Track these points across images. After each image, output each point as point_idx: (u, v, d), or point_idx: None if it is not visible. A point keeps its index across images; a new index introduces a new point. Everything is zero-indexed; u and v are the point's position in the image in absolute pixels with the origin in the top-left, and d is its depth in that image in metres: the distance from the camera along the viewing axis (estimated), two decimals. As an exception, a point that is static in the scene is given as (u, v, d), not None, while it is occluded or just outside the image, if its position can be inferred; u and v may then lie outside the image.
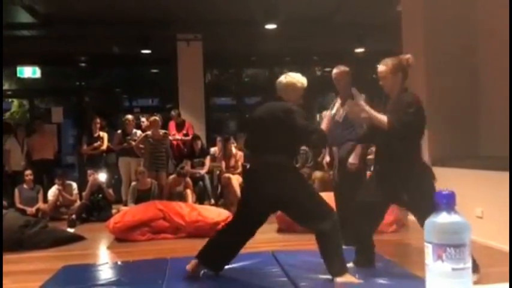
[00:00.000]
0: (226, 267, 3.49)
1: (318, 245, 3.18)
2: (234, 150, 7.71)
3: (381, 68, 3.32)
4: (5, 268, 4.28)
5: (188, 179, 7.18)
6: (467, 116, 5.37)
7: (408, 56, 3.33)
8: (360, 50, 9.45)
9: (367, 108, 3.28)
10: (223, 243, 3.43)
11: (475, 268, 4.13)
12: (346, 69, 4.40)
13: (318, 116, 13.08)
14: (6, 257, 4.63)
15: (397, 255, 4.12)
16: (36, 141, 8.18)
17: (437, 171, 5.26)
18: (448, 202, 0.99)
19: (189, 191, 7.03)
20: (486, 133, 5.24)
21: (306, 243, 3.72)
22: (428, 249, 0.99)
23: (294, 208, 3.26)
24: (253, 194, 3.35)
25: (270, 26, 7.72)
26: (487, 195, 4.40)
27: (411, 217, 5.66)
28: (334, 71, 4.41)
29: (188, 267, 3.39)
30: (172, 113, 8.41)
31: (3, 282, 3.53)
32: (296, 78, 3.41)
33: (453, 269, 0.96)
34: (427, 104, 5.43)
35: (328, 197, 5.35)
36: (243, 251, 3.94)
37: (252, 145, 3.50)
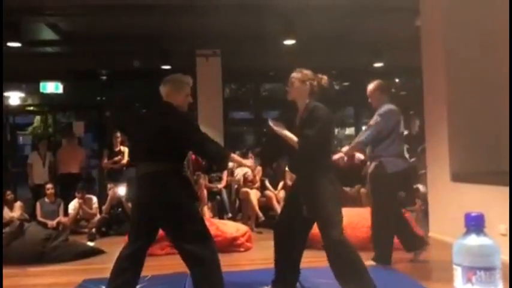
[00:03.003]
0: (246, 282, 3.44)
1: (192, 275, 2.88)
2: (252, 164, 7.70)
3: (292, 74, 3.32)
4: (26, 281, 4.35)
5: (204, 194, 7.15)
6: (489, 131, 5.29)
7: (324, 77, 3.30)
8: (378, 64, 9.42)
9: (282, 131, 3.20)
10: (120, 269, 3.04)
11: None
12: (377, 82, 4.38)
13: (336, 130, 12.97)
14: (28, 270, 4.70)
15: (419, 273, 4.05)
16: (65, 155, 8.29)
17: (459, 187, 5.23)
18: (477, 224, 0.97)
19: (205, 208, 7.01)
20: (507, 148, 5.15)
21: (322, 260, 3.67)
22: (457, 272, 0.97)
23: (170, 221, 2.99)
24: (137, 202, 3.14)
25: (289, 42, 7.75)
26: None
27: (432, 234, 5.60)
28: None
29: None
30: None
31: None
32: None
33: (484, 293, 0.94)
34: (449, 118, 5.39)
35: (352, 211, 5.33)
36: (262, 266, 3.92)
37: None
